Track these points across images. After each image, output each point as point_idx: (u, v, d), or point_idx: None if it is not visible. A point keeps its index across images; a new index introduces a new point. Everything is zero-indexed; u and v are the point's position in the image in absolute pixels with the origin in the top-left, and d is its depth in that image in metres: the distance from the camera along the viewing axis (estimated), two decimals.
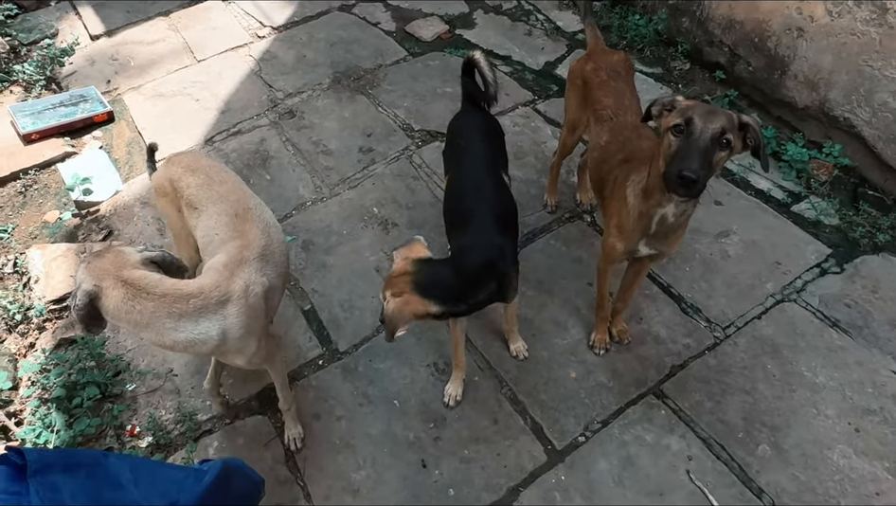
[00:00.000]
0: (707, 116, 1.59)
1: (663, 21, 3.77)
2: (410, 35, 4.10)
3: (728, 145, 1.60)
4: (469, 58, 2.41)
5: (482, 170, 2.13)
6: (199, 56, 4.00)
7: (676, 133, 1.62)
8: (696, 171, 1.55)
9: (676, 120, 1.62)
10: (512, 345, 2.43)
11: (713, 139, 1.58)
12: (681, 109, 1.65)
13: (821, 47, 2.99)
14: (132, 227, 2.99)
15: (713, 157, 1.60)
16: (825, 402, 2.28)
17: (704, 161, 1.57)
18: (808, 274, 2.69)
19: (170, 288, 1.67)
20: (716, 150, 1.60)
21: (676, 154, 1.61)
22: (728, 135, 1.59)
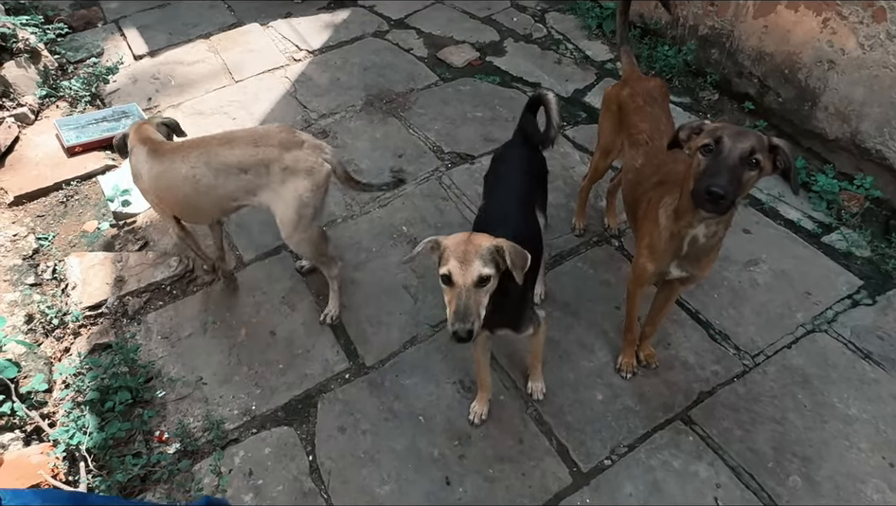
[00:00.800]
0: (737, 135, 1.61)
1: (692, 52, 3.82)
2: (441, 61, 4.20)
3: (758, 165, 1.62)
4: (539, 95, 2.34)
5: (513, 202, 2.13)
6: (237, 77, 4.13)
7: (705, 152, 1.64)
8: (724, 186, 1.56)
9: (706, 140, 1.65)
10: (531, 382, 2.38)
11: (742, 158, 1.60)
12: (710, 130, 1.67)
13: (853, 80, 3.00)
14: (166, 239, 3.06)
15: (742, 175, 1.61)
16: (858, 435, 2.23)
17: (732, 178, 1.59)
18: (839, 305, 2.66)
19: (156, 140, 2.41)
20: (745, 169, 1.61)
21: (705, 172, 1.63)
22: (758, 156, 1.60)
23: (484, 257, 1.62)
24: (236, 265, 2.93)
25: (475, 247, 1.63)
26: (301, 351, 2.58)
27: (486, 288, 1.65)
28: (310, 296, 2.77)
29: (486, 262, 1.62)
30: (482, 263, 1.61)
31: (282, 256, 2.95)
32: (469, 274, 1.61)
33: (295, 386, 2.46)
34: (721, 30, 3.63)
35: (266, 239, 3.03)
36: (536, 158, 2.37)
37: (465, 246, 1.63)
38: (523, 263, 1.67)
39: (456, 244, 1.64)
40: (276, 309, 2.73)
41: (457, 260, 1.61)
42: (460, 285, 1.61)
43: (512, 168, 2.28)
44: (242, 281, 2.85)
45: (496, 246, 1.65)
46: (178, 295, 2.83)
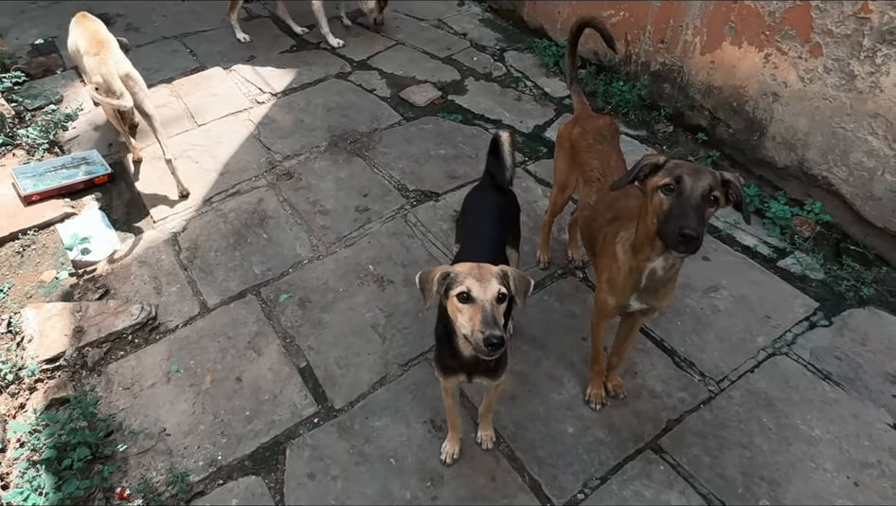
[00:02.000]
0: (696, 174, 1.67)
1: (646, 87, 3.96)
2: (404, 101, 4.27)
3: (716, 201, 1.68)
4: (495, 136, 2.40)
5: (485, 248, 2.15)
6: (200, 120, 4.13)
7: (667, 191, 1.69)
8: (696, 228, 1.61)
9: (666, 180, 1.70)
10: (481, 431, 2.34)
11: (703, 196, 1.66)
12: (668, 168, 1.73)
13: (796, 111, 3.15)
14: (128, 286, 3.01)
15: (705, 213, 1.67)
16: (822, 456, 2.28)
17: (699, 218, 1.64)
18: (797, 327, 2.74)
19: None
20: (706, 206, 1.67)
21: (671, 213, 1.67)
22: (716, 192, 1.67)
23: (498, 277, 1.69)
24: (200, 310, 2.88)
25: (489, 269, 1.71)
26: (269, 396, 2.53)
27: (503, 308, 1.70)
28: (276, 339, 2.74)
29: (501, 282, 1.69)
30: (498, 281, 1.68)
31: (247, 299, 2.92)
32: (489, 289, 1.66)
33: (263, 433, 2.41)
34: (671, 66, 3.78)
35: (231, 283, 3.00)
36: (505, 198, 2.42)
37: (479, 269, 1.71)
38: (526, 288, 1.76)
39: (468, 268, 1.72)
40: (241, 354, 2.69)
41: (475, 279, 1.68)
42: (482, 299, 1.65)
43: (482, 214, 2.34)
44: (206, 328, 2.80)
45: (503, 271, 1.72)
46: (140, 343, 2.76)
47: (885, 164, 2.84)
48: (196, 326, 2.82)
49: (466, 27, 5.19)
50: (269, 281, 3.00)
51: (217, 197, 3.51)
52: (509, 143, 2.35)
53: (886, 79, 2.72)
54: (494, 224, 2.30)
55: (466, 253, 2.19)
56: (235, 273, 3.05)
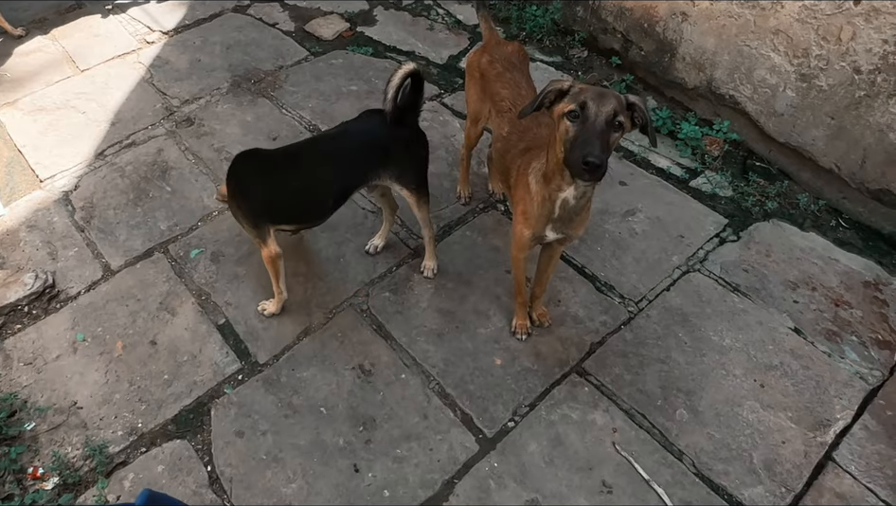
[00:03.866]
0: (599, 99, 1.64)
1: (558, 11, 3.88)
2: (310, 34, 4.01)
3: (621, 126, 1.66)
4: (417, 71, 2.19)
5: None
6: (82, 66, 3.74)
7: (572, 118, 1.66)
8: (599, 155, 1.60)
9: (571, 106, 1.66)
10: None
11: (608, 122, 1.63)
12: (573, 94, 1.69)
13: (704, 30, 3.17)
14: (18, 254, 2.75)
15: (609, 139, 1.65)
16: (732, 363, 2.42)
17: (603, 144, 1.62)
18: (709, 244, 2.85)
19: None
20: (611, 132, 1.65)
21: (576, 140, 1.65)
22: (620, 117, 1.64)
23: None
24: (103, 274, 2.68)
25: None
26: (187, 357, 2.42)
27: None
28: (191, 297, 2.60)
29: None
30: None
31: (155, 258, 2.74)
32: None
33: (185, 395, 2.31)
34: None
35: (135, 242, 2.80)
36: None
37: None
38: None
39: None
40: (153, 316, 2.54)
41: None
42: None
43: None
44: (111, 292, 2.62)
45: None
46: (39, 315, 2.56)
47: (786, 80, 2.92)
48: (100, 291, 2.63)
49: None
50: (177, 237, 2.82)
51: (110, 150, 3.22)
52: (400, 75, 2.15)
53: None
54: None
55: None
56: (138, 231, 2.85)
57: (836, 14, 2.63)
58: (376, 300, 2.59)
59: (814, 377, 2.37)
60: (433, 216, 2.89)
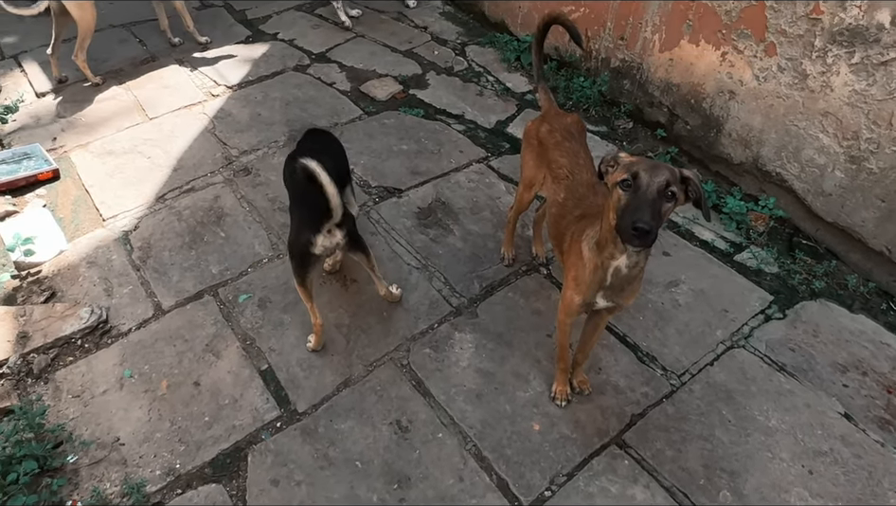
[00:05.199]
0: (652, 170, 1.68)
1: (606, 83, 4.00)
2: (365, 95, 4.20)
3: (674, 197, 1.69)
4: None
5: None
6: (151, 114, 3.97)
7: (625, 187, 1.70)
8: (648, 221, 1.62)
9: (623, 175, 1.70)
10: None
11: (660, 192, 1.67)
12: (626, 164, 1.74)
13: (751, 109, 3.22)
14: (76, 288, 2.87)
15: (661, 208, 1.68)
16: (779, 445, 2.34)
17: (653, 212, 1.65)
18: (754, 320, 2.81)
19: None
20: (663, 201, 1.68)
21: (627, 207, 1.68)
22: (673, 188, 1.68)
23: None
24: (154, 313, 2.77)
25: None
26: (228, 401, 2.45)
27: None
28: (236, 341, 2.66)
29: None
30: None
31: (205, 300, 2.82)
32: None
33: (223, 439, 2.33)
34: (631, 63, 3.82)
35: (187, 284, 2.89)
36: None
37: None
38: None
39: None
40: (199, 358, 2.60)
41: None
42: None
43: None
44: (160, 331, 2.70)
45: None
46: (91, 348, 2.64)
47: (835, 161, 2.94)
48: (150, 329, 2.71)
49: (427, 20, 5.14)
50: (227, 281, 2.91)
51: (170, 194, 3.38)
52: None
53: (836, 78, 2.80)
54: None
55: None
56: (191, 273, 2.95)
57: (888, 100, 2.66)
58: (416, 356, 2.61)
59: (866, 467, 2.27)
60: (476, 275, 2.94)
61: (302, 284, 2.43)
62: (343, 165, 2.83)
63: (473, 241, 3.13)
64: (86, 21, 3.87)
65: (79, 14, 3.83)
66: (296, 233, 2.38)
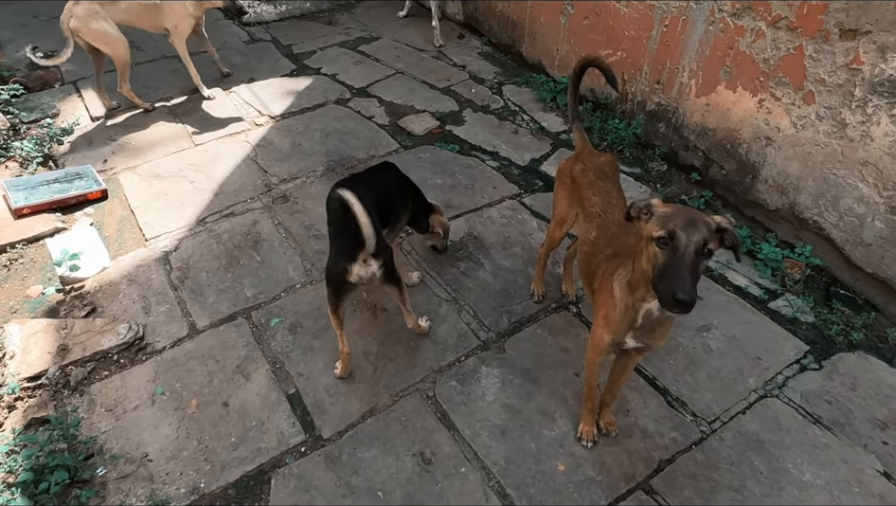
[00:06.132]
0: (689, 228, 1.63)
1: (641, 126, 4.03)
2: (402, 129, 4.30)
3: (710, 253, 1.66)
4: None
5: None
6: (197, 140, 4.13)
7: (661, 245, 1.66)
8: (690, 292, 1.57)
9: (660, 233, 1.66)
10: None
11: (697, 252, 1.63)
12: (662, 219, 1.69)
13: (788, 156, 3.21)
14: (116, 305, 2.96)
15: (699, 267, 1.65)
16: (813, 501, 2.26)
17: (693, 278, 1.61)
18: (788, 370, 2.74)
19: None
20: (700, 260, 1.65)
21: (665, 270, 1.63)
22: (710, 245, 1.64)
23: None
24: (188, 332, 2.84)
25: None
26: (255, 423, 2.48)
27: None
28: (266, 364, 2.70)
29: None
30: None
31: (237, 322, 2.88)
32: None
33: (248, 460, 2.35)
34: (667, 107, 3.85)
35: (221, 305, 2.96)
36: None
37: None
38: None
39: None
40: (229, 379, 2.64)
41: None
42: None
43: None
44: (193, 351, 2.75)
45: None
46: (126, 364, 2.71)
47: (874, 211, 2.89)
48: (184, 348, 2.77)
49: (466, 59, 5.27)
50: (260, 305, 2.97)
51: (211, 218, 3.49)
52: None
53: (876, 128, 2.78)
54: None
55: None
56: (226, 295, 3.02)
57: None
58: (443, 388, 2.61)
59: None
60: (505, 310, 2.95)
61: (335, 312, 2.47)
62: (392, 199, 2.80)
63: (503, 276, 3.15)
64: (119, 55, 4.05)
65: (110, 51, 4.03)
66: (334, 261, 2.43)
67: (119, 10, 3.98)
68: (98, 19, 3.87)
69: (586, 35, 4.29)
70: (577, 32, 4.38)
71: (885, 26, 2.63)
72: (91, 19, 3.84)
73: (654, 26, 3.74)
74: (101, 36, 3.94)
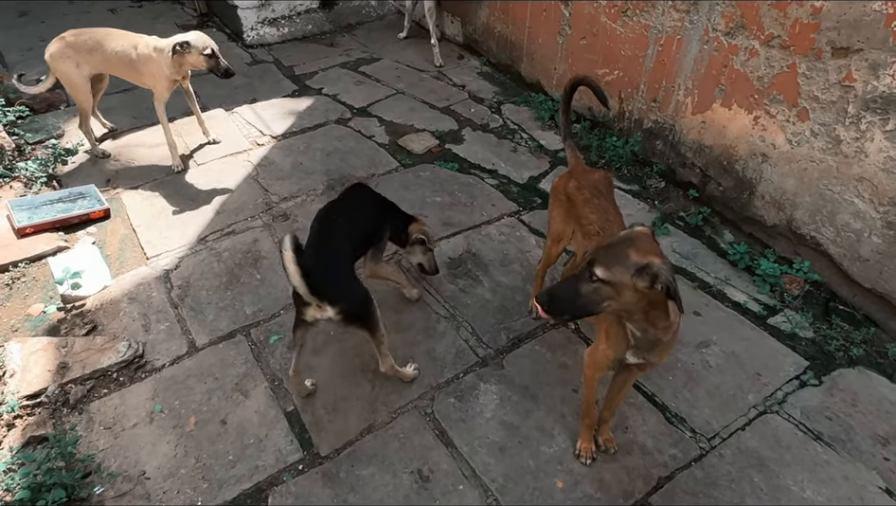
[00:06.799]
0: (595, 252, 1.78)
1: (638, 143, 4.06)
2: (402, 148, 4.35)
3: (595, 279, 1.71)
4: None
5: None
6: (199, 160, 4.17)
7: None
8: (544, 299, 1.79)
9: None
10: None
11: (580, 274, 1.77)
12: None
13: (784, 172, 3.23)
14: (116, 323, 2.98)
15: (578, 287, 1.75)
16: None
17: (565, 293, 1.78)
18: (788, 386, 2.73)
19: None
20: (581, 283, 1.75)
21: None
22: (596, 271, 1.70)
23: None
24: (188, 350, 2.85)
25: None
26: (253, 440, 2.48)
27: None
28: (264, 381, 2.70)
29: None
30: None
31: (237, 340, 2.89)
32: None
33: (246, 478, 2.35)
34: (663, 124, 3.89)
35: (221, 323, 2.97)
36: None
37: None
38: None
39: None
40: (228, 396, 2.65)
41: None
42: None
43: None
44: (193, 368, 2.76)
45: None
46: (125, 382, 2.71)
47: (871, 226, 2.90)
48: (183, 365, 2.78)
49: (465, 79, 5.34)
50: (260, 322, 2.98)
51: (212, 236, 3.52)
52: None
53: (870, 144, 2.80)
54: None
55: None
56: (226, 312, 3.03)
57: None
58: (441, 405, 2.60)
59: None
60: (503, 327, 2.95)
61: (294, 330, 2.48)
62: (370, 221, 2.77)
63: (501, 292, 3.16)
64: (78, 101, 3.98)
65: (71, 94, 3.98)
66: (294, 296, 2.33)
67: (96, 60, 3.82)
68: (66, 62, 3.78)
69: (584, 55, 4.35)
70: (574, 52, 4.44)
71: (875, 43, 2.66)
72: (59, 60, 3.78)
73: (649, 45, 3.80)
74: (65, 78, 3.86)
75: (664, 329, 1.83)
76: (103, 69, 3.93)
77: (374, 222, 2.81)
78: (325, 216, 2.62)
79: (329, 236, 2.49)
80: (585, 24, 4.24)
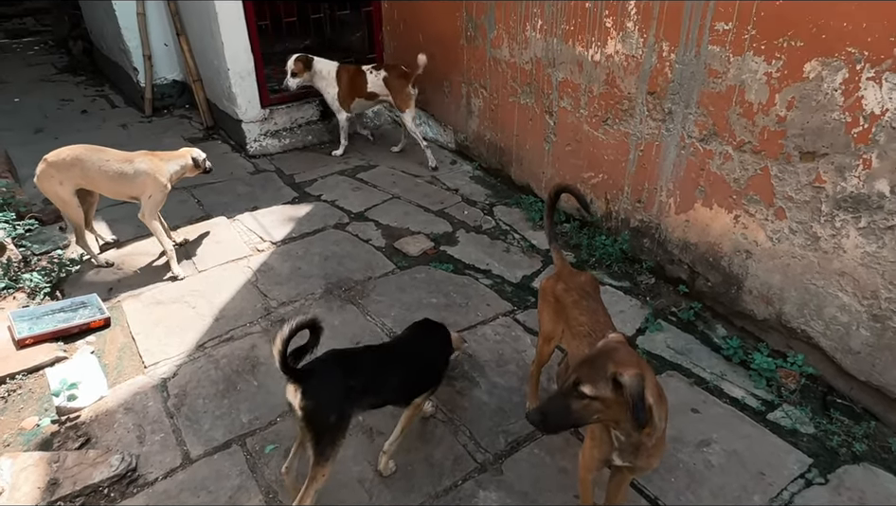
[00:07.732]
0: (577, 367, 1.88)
1: (626, 241, 4.20)
2: (398, 250, 4.48)
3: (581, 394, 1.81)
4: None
5: None
6: (200, 267, 4.28)
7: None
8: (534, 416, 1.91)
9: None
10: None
11: (566, 391, 1.87)
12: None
13: (769, 267, 3.33)
14: (111, 434, 2.95)
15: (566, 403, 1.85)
16: None
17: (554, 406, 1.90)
18: (793, 485, 2.68)
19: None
20: (569, 399, 1.84)
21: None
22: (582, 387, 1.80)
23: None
24: (182, 462, 2.80)
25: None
26: None
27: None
28: (259, 494, 2.64)
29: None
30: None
31: (232, 450, 2.86)
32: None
33: None
34: (649, 223, 4.04)
35: (216, 432, 2.95)
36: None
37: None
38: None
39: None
40: None
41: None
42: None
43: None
44: (186, 481, 2.71)
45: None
46: (116, 498, 2.65)
47: (858, 319, 2.96)
48: (176, 478, 2.73)
49: (458, 183, 5.58)
50: (255, 431, 2.96)
51: (210, 343, 3.55)
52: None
53: (847, 241, 2.92)
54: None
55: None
56: (221, 421, 3.01)
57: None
58: None
59: None
60: (501, 430, 2.93)
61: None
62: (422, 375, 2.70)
63: (498, 394, 3.16)
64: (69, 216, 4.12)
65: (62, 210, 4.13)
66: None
67: (76, 176, 3.96)
68: (49, 181, 3.95)
69: (569, 160, 4.59)
70: (560, 157, 4.69)
71: (839, 148, 2.85)
72: (44, 180, 3.96)
73: (630, 150, 4.02)
74: (53, 197, 4.03)
75: (647, 434, 1.85)
76: (84, 184, 4.05)
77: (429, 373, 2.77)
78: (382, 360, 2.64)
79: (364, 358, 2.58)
80: (569, 132, 4.51)
